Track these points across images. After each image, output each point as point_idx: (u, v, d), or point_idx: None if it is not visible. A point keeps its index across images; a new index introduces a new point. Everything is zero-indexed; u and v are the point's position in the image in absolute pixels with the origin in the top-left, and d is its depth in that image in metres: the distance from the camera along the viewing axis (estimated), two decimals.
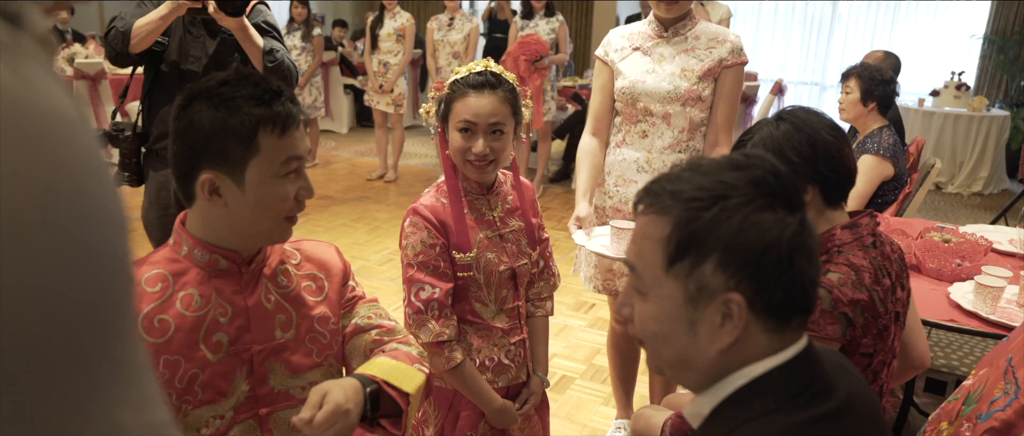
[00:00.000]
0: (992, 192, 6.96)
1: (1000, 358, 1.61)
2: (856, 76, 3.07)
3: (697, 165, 0.87)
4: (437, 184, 1.73)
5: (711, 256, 0.81)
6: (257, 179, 1.12)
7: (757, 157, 0.86)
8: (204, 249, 1.18)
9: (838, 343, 1.43)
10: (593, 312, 3.89)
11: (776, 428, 0.81)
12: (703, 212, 0.82)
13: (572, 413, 2.93)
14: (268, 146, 1.11)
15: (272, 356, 1.24)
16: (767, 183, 0.82)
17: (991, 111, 7.01)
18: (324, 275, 1.35)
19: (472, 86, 1.61)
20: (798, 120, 1.49)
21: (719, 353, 0.84)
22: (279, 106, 1.12)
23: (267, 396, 1.24)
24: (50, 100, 0.29)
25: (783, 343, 0.85)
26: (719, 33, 2.20)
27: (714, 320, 0.83)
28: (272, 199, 1.14)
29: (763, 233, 0.80)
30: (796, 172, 1.43)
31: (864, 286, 1.43)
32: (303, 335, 1.28)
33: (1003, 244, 2.64)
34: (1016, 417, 1.42)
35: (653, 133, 2.21)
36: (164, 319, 1.13)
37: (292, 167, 1.15)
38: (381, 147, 6.54)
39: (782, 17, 9.17)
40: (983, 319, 2.00)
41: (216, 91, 1.10)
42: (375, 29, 6.06)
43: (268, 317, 1.24)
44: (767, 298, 0.82)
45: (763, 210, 0.81)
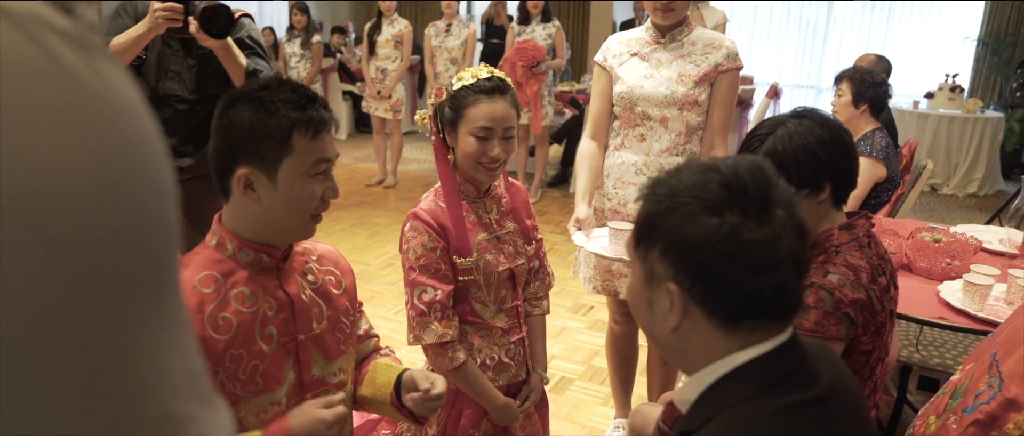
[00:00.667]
0: (987, 193, 7.01)
1: (985, 353, 1.66)
2: (848, 79, 3.12)
3: (688, 164, 0.94)
4: (435, 189, 1.77)
5: (657, 245, 0.91)
6: (289, 177, 1.21)
7: (727, 164, 0.91)
8: (249, 248, 1.26)
9: (842, 343, 1.48)
10: (591, 314, 3.93)
11: (758, 413, 0.86)
12: (658, 205, 0.91)
13: (571, 413, 2.97)
14: (301, 147, 1.21)
15: (313, 345, 1.35)
16: (711, 189, 0.88)
17: (985, 113, 7.07)
18: (339, 272, 1.46)
19: (485, 92, 1.66)
20: (820, 117, 1.54)
21: (671, 333, 0.93)
22: (313, 111, 1.22)
23: (310, 382, 1.35)
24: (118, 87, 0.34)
25: (742, 339, 0.90)
26: (715, 39, 2.25)
27: (664, 303, 0.92)
28: (302, 196, 1.23)
29: (695, 233, 0.87)
30: (820, 166, 1.49)
31: (862, 286, 1.47)
32: (333, 326, 1.40)
33: (993, 243, 2.68)
34: (1000, 409, 1.47)
35: (651, 137, 2.26)
36: (226, 317, 1.22)
37: (321, 168, 1.25)
38: (380, 153, 6.59)
39: (778, 20, 9.24)
40: (972, 316, 2.05)
41: (257, 94, 1.21)
42: (373, 35, 6.11)
43: (306, 309, 1.34)
44: (703, 294, 0.89)
45: (704, 213, 0.87)
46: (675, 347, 0.95)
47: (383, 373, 1.50)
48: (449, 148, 1.74)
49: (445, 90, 1.72)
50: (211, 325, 1.20)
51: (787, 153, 1.50)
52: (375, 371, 1.51)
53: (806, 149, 1.49)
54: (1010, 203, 4.89)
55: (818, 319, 1.45)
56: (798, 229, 0.89)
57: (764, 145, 1.54)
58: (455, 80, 1.70)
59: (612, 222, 2.08)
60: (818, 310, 1.45)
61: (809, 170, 1.50)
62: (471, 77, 1.68)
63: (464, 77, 1.68)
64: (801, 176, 1.50)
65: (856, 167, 1.56)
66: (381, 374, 1.50)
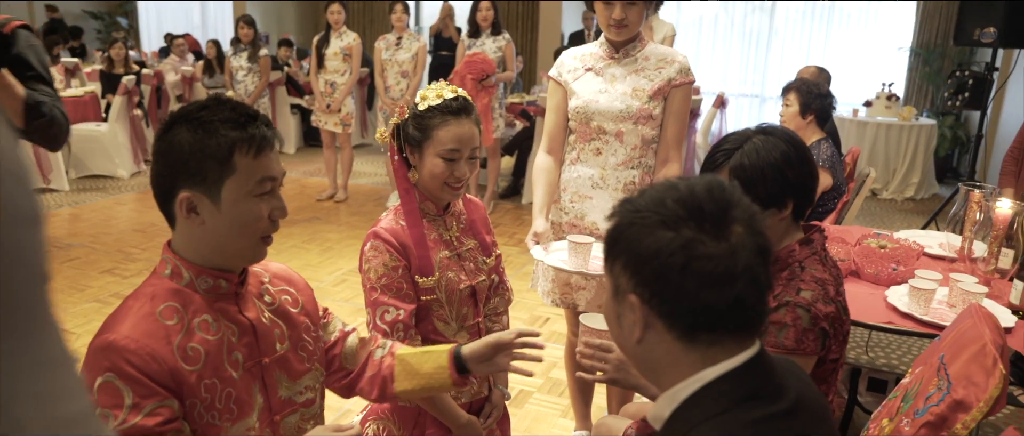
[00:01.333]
0: (923, 197, 7.27)
1: (933, 356, 1.72)
2: (795, 90, 3.22)
3: (652, 186, 0.98)
4: (394, 207, 1.76)
5: (620, 258, 0.95)
6: (233, 198, 1.19)
7: (687, 183, 0.94)
8: (207, 275, 1.23)
9: (817, 356, 1.51)
10: (548, 326, 3.95)
11: (730, 427, 0.88)
12: (622, 220, 0.95)
13: (532, 427, 2.98)
14: (243, 166, 1.19)
15: (277, 367, 1.33)
16: (667, 205, 0.91)
17: (919, 120, 7.34)
18: (294, 289, 1.44)
19: (453, 113, 1.66)
20: (785, 134, 1.56)
21: (636, 344, 0.96)
22: (254, 129, 1.20)
23: (277, 404, 1.33)
24: None
25: (705, 353, 0.93)
26: (668, 54, 2.29)
27: (630, 316, 0.95)
28: (247, 217, 1.21)
29: (650, 245, 0.91)
30: (786, 184, 1.51)
31: (831, 299, 1.51)
32: (295, 344, 1.38)
33: (933, 248, 2.78)
34: (949, 411, 1.52)
35: (607, 150, 2.29)
36: (194, 347, 1.19)
37: (266, 188, 1.22)
38: (330, 167, 6.52)
39: (722, 32, 9.45)
40: (918, 320, 2.12)
41: (195, 115, 1.18)
42: (321, 48, 6.05)
43: (268, 331, 1.32)
44: (659, 305, 0.92)
45: (660, 226, 0.90)
46: (642, 359, 0.98)
47: (424, 361, 1.49)
48: (410, 166, 1.73)
49: (408, 109, 1.71)
50: (181, 357, 1.17)
51: (754, 169, 1.52)
52: (408, 363, 1.50)
53: (773, 166, 1.51)
54: (946, 207, 5.08)
55: (797, 336, 1.48)
56: (760, 247, 0.91)
57: (730, 160, 1.56)
58: (419, 99, 1.68)
59: (571, 235, 2.09)
60: (796, 328, 1.48)
61: (775, 187, 1.53)
62: (436, 97, 1.67)
63: (428, 96, 1.67)
64: (767, 193, 1.53)
65: (816, 184, 1.60)
66: (422, 364, 1.49)
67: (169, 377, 1.14)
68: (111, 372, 1.10)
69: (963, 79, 5.12)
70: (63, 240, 5.23)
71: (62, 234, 5.38)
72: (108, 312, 1.21)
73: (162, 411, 1.12)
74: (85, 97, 7.27)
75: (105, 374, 1.10)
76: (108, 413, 1.09)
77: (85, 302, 4.07)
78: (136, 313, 1.16)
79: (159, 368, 1.12)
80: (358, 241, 5.30)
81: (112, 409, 1.09)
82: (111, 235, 5.37)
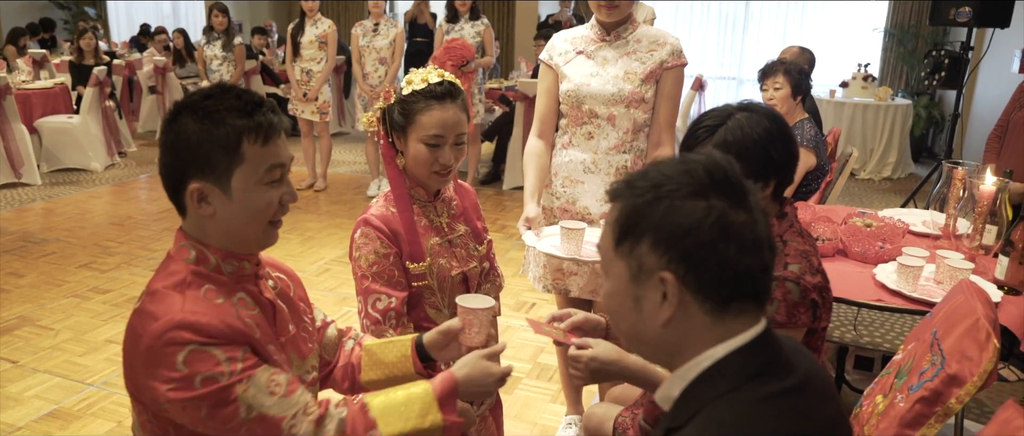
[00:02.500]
0: (900, 176, 7.35)
1: (925, 332, 1.73)
2: (784, 73, 3.19)
3: (656, 162, 0.96)
4: (385, 194, 1.73)
5: (645, 237, 0.91)
6: (243, 186, 1.18)
7: (704, 155, 0.94)
8: (233, 258, 1.23)
9: (808, 327, 1.52)
10: (534, 312, 3.94)
11: (742, 404, 0.87)
12: (640, 198, 0.91)
13: (522, 412, 2.97)
14: (252, 154, 1.17)
15: (290, 347, 1.33)
16: (697, 175, 0.90)
17: (895, 100, 7.41)
18: (285, 276, 1.44)
19: (437, 97, 1.62)
20: (767, 111, 1.55)
21: (662, 327, 0.92)
22: (261, 116, 1.18)
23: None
24: None
25: (727, 326, 0.92)
26: (659, 36, 2.27)
27: (655, 297, 0.91)
28: (258, 204, 1.20)
29: (686, 217, 0.88)
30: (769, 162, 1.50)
31: (816, 269, 1.52)
32: (298, 325, 1.38)
33: (917, 225, 2.81)
34: (943, 385, 1.53)
35: (598, 134, 2.27)
36: (247, 321, 1.19)
37: (275, 175, 1.21)
38: (308, 156, 6.45)
39: (699, 15, 9.46)
40: (906, 297, 2.13)
41: (201, 104, 1.16)
42: (296, 36, 5.97)
43: (281, 312, 1.32)
44: (697, 278, 0.89)
45: (691, 198, 0.89)
46: (664, 342, 0.94)
47: (388, 351, 1.51)
48: (397, 151, 1.70)
49: (393, 93, 1.68)
50: (245, 326, 1.17)
51: (738, 145, 1.51)
52: (374, 353, 1.51)
53: (757, 143, 1.50)
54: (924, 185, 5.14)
55: (789, 310, 1.48)
56: (766, 215, 0.94)
57: (714, 136, 1.54)
58: (404, 84, 1.65)
59: (564, 221, 2.08)
60: (787, 302, 1.48)
61: (758, 164, 1.51)
62: (421, 81, 1.63)
63: (413, 81, 1.64)
64: (750, 170, 1.51)
65: (797, 163, 1.59)
66: (385, 353, 1.51)
67: (243, 337, 1.15)
68: (192, 343, 1.09)
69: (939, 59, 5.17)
70: (37, 235, 5.12)
71: (36, 229, 5.28)
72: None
73: (251, 356, 1.15)
74: (54, 89, 7.12)
75: (187, 347, 1.09)
76: (212, 374, 1.09)
77: (63, 297, 3.99)
78: (182, 297, 1.15)
79: (232, 331, 1.13)
80: (339, 230, 5.26)
81: (214, 369, 1.10)
82: (87, 229, 5.27)
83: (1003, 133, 3.51)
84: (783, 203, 1.63)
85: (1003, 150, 3.48)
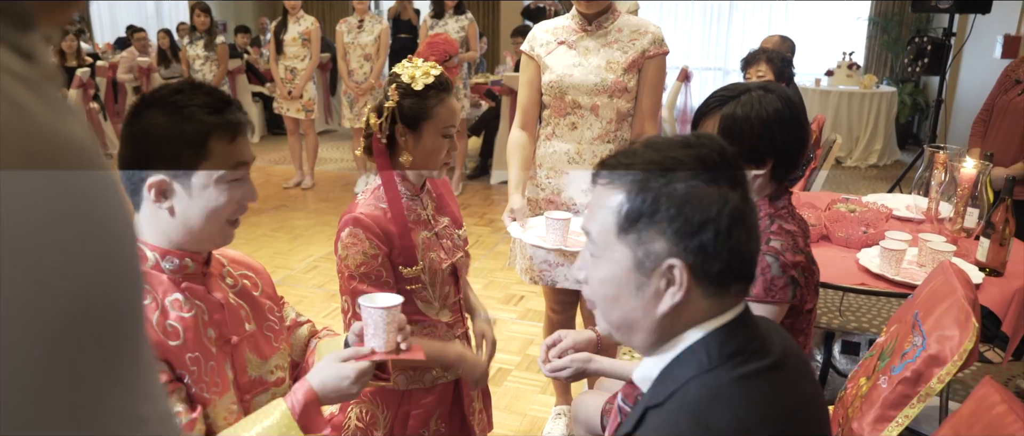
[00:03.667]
0: (886, 163, 7.40)
1: (908, 314, 1.75)
2: (767, 61, 3.20)
3: (651, 142, 0.94)
4: (372, 190, 1.69)
5: (657, 225, 0.89)
6: (205, 183, 1.18)
7: (706, 137, 0.93)
8: (172, 255, 1.22)
9: (789, 305, 1.52)
10: (523, 304, 3.95)
11: (719, 383, 0.88)
12: (651, 183, 0.89)
13: (511, 404, 2.98)
14: (218, 152, 1.18)
15: (246, 346, 1.33)
16: (712, 160, 0.89)
17: (880, 88, 7.45)
18: (253, 273, 1.43)
19: (446, 90, 1.65)
20: (785, 98, 1.55)
21: (662, 316, 0.91)
22: (230, 115, 1.18)
23: (247, 384, 1.33)
24: (70, 129, 0.32)
25: (722, 308, 0.92)
26: (641, 25, 2.27)
27: (659, 284, 0.90)
28: (218, 202, 1.20)
29: (705, 206, 0.87)
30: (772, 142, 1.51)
31: (800, 249, 1.53)
32: (261, 325, 1.38)
33: (901, 210, 2.83)
34: (925, 366, 1.54)
35: (582, 125, 2.27)
36: (172, 324, 1.19)
37: (238, 173, 1.22)
38: (295, 154, 6.43)
39: (684, 6, 9.46)
40: (890, 280, 2.15)
41: (170, 99, 1.16)
42: (279, 34, 5.95)
43: (235, 310, 1.31)
44: (708, 266, 0.89)
45: (707, 184, 0.88)
46: (660, 329, 0.92)
47: (328, 349, 1.48)
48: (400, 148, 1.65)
49: (396, 90, 1.64)
50: (163, 332, 1.17)
51: (744, 120, 1.52)
52: (319, 352, 1.50)
53: (763, 122, 1.51)
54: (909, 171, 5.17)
55: (767, 285, 1.49)
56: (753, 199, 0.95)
57: (724, 107, 1.55)
58: (409, 78, 1.62)
59: (548, 212, 2.07)
60: (765, 276, 1.49)
61: (760, 142, 1.52)
62: (425, 75, 1.63)
63: (417, 76, 1.63)
64: (750, 147, 1.52)
65: (801, 150, 1.58)
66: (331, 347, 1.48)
67: (155, 347, 1.14)
68: None
69: (922, 45, 5.20)
70: None
71: None
72: None
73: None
74: None
75: None
76: None
77: None
78: None
79: None
80: (327, 227, 5.25)
81: None
82: None
83: (988, 117, 3.53)
84: (782, 185, 1.63)
85: (987, 134, 3.50)
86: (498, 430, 2.78)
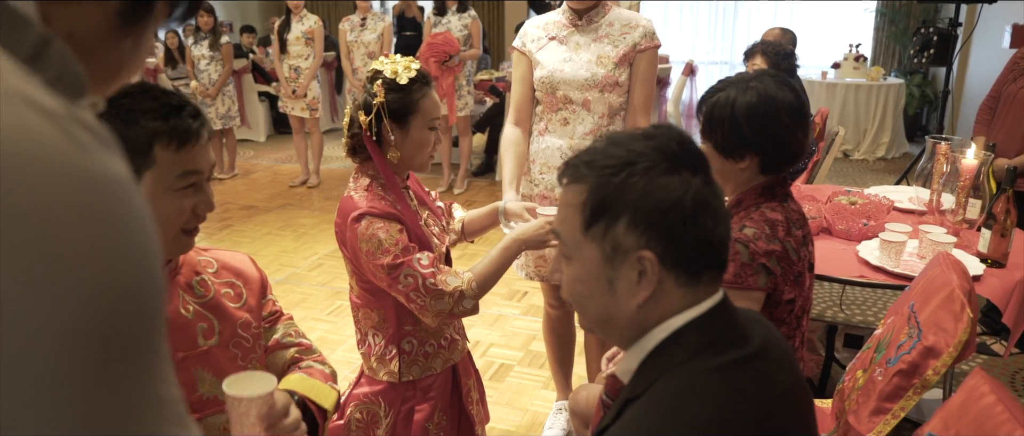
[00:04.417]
0: (894, 156, 7.34)
1: (904, 305, 1.73)
2: (761, 53, 3.20)
3: (612, 138, 0.94)
4: (365, 188, 1.67)
5: (622, 217, 0.89)
6: (152, 191, 1.12)
7: (665, 127, 0.94)
8: None
9: (763, 293, 1.52)
10: (526, 300, 3.95)
11: (695, 373, 0.88)
12: (613, 178, 0.89)
13: (513, 399, 2.98)
14: (164, 159, 1.12)
15: (198, 363, 1.27)
16: (670, 149, 0.90)
17: (888, 80, 7.40)
18: (242, 282, 1.38)
19: (428, 83, 1.66)
20: (765, 93, 1.54)
21: (638, 308, 0.91)
22: (177, 121, 1.12)
23: (197, 403, 1.27)
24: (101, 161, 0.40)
25: (697, 297, 0.92)
26: (631, 19, 2.27)
27: (630, 277, 0.90)
28: (167, 211, 1.14)
29: (667, 194, 0.88)
30: (743, 140, 1.52)
31: (777, 238, 1.53)
32: (227, 341, 1.31)
33: (904, 202, 2.81)
34: (920, 358, 1.53)
35: (574, 120, 2.27)
36: None
37: (189, 181, 1.15)
38: (301, 153, 6.45)
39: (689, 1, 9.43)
40: (889, 272, 2.13)
41: (117, 102, 1.10)
42: (283, 34, 5.96)
43: (188, 325, 1.26)
44: (676, 254, 0.89)
45: (667, 173, 0.88)
46: (637, 321, 0.92)
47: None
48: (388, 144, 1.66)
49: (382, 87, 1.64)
50: None
51: (718, 114, 1.56)
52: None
53: (732, 118, 1.53)
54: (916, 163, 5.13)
55: (736, 271, 1.51)
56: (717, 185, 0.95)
57: (711, 97, 1.59)
58: (391, 74, 1.62)
59: (541, 208, 2.06)
60: (736, 262, 1.51)
61: (730, 136, 1.54)
62: (406, 70, 1.63)
63: (399, 71, 1.63)
64: (723, 141, 1.55)
65: (790, 148, 1.57)
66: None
67: None
68: None
69: (928, 36, 5.15)
70: None
71: None
72: None
73: None
74: None
75: None
76: None
77: None
78: None
79: None
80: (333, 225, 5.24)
81: None
82: None
83: (994, 104, 3.50)
84: (777, 178, 1.62)
85: (994, 122, 3.47)
86: (500, 425, 2.79)
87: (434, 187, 6.06)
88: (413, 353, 1.73)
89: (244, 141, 8.23)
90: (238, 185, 6.52)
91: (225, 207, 5.78)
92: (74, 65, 0.46)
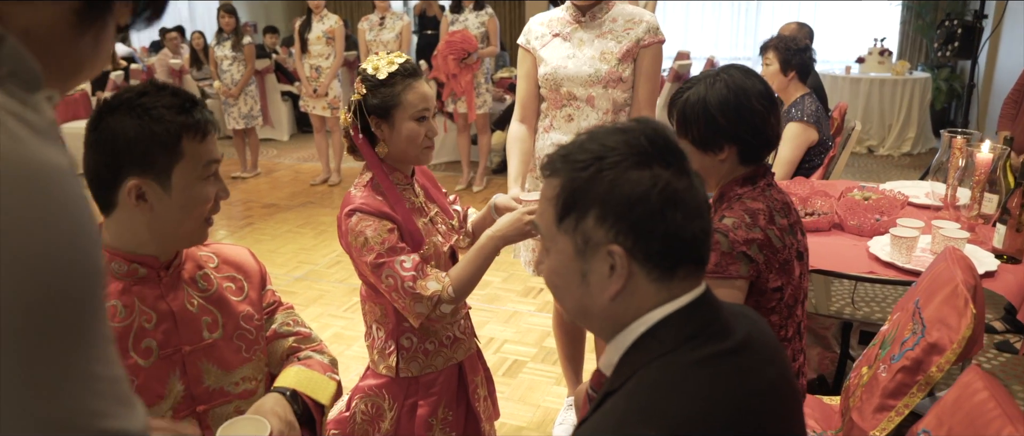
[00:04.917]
0: (920, 151, 7.22)
1: (909, 301, 1.71)
2: (773, 49, 3.19)
3: (591, 132, 0.95)
4: (363, 184, 1.69)
5: (591, 211, 0.90)
6: (182, 183, 1.19)
7: (641, 121, 0.94)
8: (122, 260, 1.23)
9: (746, 281, 1.52)
10: (541, 296, 3.95)
11: (675, 366, 0.87)
12: (582, 172, 0.90)
13: (525, 395, 2.99)
14: (191, 151, 1.19)
15: (203, 356, 1.30)
16: (640, 144, 0.89)
17: (913, 74, 7.28)
18: (242, 276, 1.42)
19: (412, 75, 1.66)
20: (734, 83, 1.56)
21: (610, 301, 0.91)
22: (198, 114, 1.20)
23: (203, 394, 1.31)
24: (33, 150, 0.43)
25: (672, 292, 0.92)
26: (635, 14, 2.26)
27: (602, 271, 0.91)
28: (196, 200, 1.21)
29: (634, 188, 0.88)
30: (719, 131, 1.53)
31: (758, 226, 1.53)
32: (230, 333, 1.35)
33: (920, 197, 2.76)
34: (924, 354, 1.51)
35: (578, 116, 2.28)
36: None
37: (211, 170, 1.23)
38: (321, 151, 6.51)
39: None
40: (900, 268, 2.11)
41: (136, 101, 1.17)
42: (304, 33, 6.02)
43: (194, 319, 1.30)
44: (645, 248, 0.89)
45: (636, 167, 0.88)
46: (611, 315, 0.93)
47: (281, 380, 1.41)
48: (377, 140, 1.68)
49: (363, 83, 1.67)
50: None
51: (690, 109, 1.57)
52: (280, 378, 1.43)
53: (705, 109, 1.55)
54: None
55: (717, 260, 1.51)
56: (701, 179, 0.95)
57: (683, 95, 1.60)
58: (372, 70, 1.65)
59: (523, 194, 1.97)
60: (716, 252, 1.51)
61: (706, 128, 1.55)
62: (389, 64, 1.65)
63: (380, 66, 1.65)
64: (700, 135, 1.57)
65: (765, 134, 1.58)
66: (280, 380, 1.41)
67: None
68: None
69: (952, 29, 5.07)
70: None
71: None
72: None
73: None
74: (75, 95, 7.25)
75: None
76: None
77: None
78: None
79: None
80: None
81: None
82: None
83: (1020, 98, 3.43)
84: (759, 168, 1.62)
85: (1019, 116, 3.40)
86: (512, 420, 2.80)
87: (453, 185, 6.11)
88: (412, 350, 1.74)
89: (267, 140, 8.32)
90: (260, 184, 6.60)
91: (247, 205, 5.85)
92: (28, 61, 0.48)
